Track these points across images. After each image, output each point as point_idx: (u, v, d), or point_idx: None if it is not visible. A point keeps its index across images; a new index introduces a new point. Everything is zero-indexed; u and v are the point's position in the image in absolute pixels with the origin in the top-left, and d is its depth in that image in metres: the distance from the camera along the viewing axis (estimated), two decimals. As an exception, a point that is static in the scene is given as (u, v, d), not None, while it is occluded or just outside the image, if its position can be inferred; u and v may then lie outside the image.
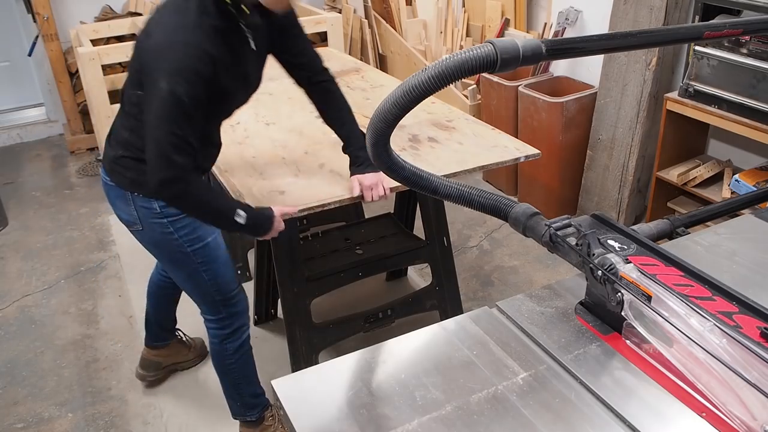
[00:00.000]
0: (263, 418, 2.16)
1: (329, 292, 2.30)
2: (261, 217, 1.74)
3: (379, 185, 1.86)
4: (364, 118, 2.42)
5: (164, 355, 2.44)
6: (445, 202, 2.10)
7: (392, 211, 2.81)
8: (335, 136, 1.99)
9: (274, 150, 2.19)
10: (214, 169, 1.97)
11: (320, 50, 3.51)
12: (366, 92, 2.71)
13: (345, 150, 1.95)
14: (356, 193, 1.87)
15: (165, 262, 1.92)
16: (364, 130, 1.16)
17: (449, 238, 2.41)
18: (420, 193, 2.20)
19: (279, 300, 2.47)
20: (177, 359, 2.48)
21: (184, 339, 2.51)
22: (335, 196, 1.89)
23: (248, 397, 2.12)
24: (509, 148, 2.16)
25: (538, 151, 2.11)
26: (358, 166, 1.90)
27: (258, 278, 2.60)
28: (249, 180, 1.99)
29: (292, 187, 1.93)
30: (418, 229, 2.51)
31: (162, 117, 1.51)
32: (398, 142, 2.14)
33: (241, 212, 1.66)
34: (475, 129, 2.33)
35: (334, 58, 3.25)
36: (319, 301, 2.29)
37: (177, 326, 2.45)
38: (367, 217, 2.99)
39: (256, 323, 2.71)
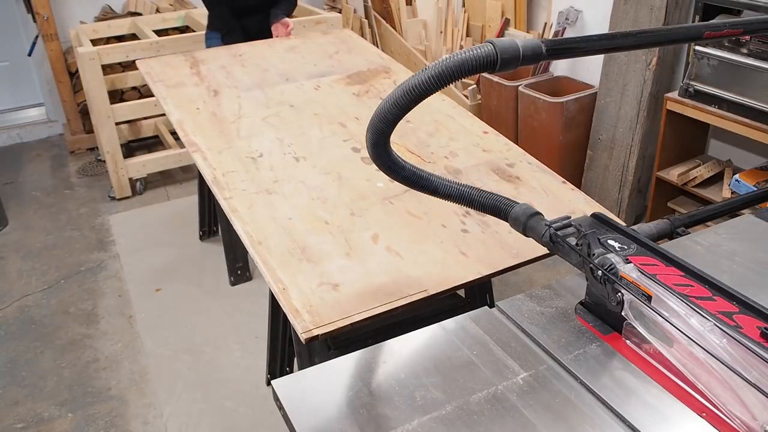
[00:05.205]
0: None
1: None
2: None
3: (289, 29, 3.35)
4: (406, 151, 2.08)
5: None
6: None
7: None
8: (381, 184, 1.87)
9: (312, 208, 1.83)
10: (245, 239, 1.71)
11: (344, 32, 3.51)
12: None
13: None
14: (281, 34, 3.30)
15: None
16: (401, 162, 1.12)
17: (492, 294, 2.14)
18: None
19: (295, 359, 2.18)
20: None
21: None
22: (402, 294, 1.49)
23: None
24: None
25: (622, 224, 1.78)
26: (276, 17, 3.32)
27: (272, 338, 2.27)
28: (292, 261, 1.61)
29: (346, 277, 1.56)
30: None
31: None
32: None
33: None
34: (542, 181, 1.97)
35: (356, 49, 3.04)
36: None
37: None
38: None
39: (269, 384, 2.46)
